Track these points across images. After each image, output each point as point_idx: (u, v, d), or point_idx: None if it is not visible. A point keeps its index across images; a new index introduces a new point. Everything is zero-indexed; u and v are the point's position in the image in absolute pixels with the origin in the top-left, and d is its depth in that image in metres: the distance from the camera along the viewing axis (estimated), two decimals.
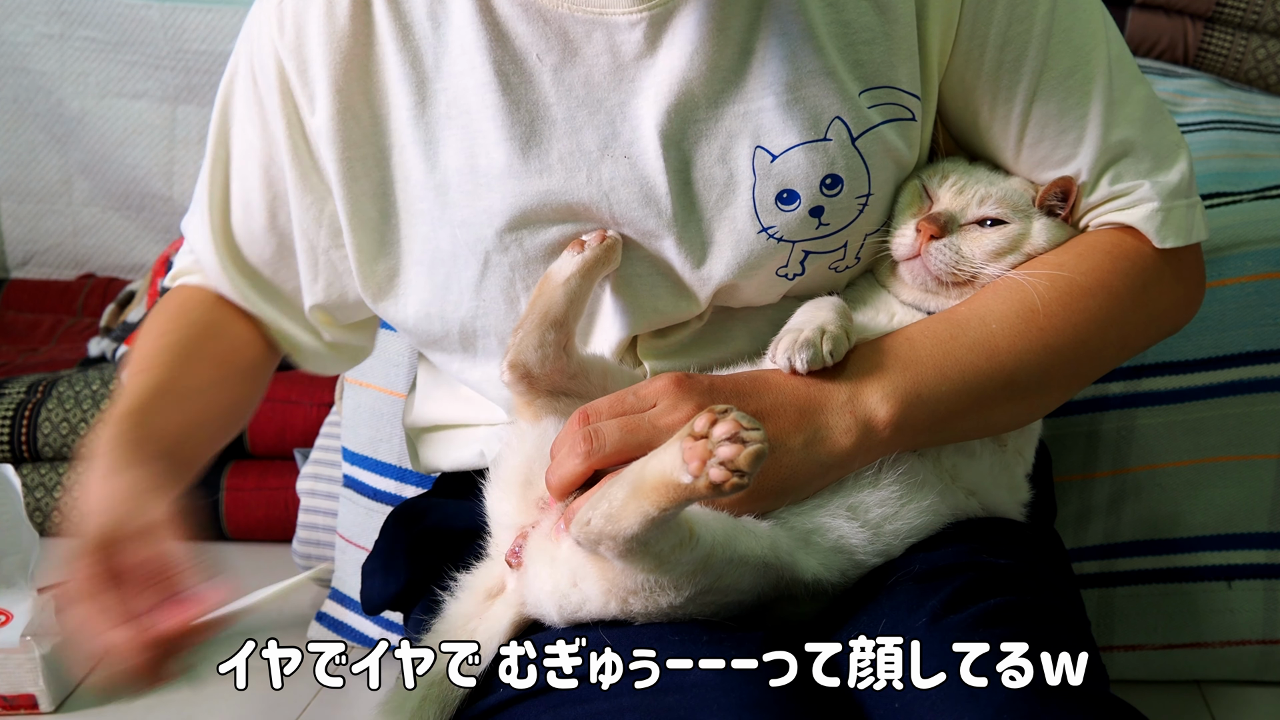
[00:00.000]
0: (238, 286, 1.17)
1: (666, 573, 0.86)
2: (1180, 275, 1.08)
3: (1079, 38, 1.03)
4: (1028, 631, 0.87)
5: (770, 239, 1.02)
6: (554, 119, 1.02)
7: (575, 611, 0.91)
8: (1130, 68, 1.07)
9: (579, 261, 1.00)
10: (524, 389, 0.99)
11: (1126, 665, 1.49)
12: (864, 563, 0.96)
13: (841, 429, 0.95)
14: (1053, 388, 1.04)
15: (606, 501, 0.82)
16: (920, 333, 1.00)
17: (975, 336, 1.00)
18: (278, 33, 1.06)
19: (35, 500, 2.00)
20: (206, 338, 1.16)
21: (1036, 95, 1.03)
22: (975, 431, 1.03)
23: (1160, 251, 1.05)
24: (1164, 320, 1.10)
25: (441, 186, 1.05)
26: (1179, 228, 1.05)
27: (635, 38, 0.99)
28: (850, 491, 0.96)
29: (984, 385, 0.99)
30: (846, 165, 1.01)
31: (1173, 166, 1.06)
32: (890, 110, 1.02)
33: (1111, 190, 1.05)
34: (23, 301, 2.62)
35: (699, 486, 0.78)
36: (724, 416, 0.78)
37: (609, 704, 0.86)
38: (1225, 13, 1.96)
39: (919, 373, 0.98)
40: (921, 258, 1.03)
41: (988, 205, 1.04)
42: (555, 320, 0.99)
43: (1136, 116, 1.05)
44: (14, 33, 2.56)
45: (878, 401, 0.96)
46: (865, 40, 1.00)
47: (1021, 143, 1.06)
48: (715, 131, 1.01)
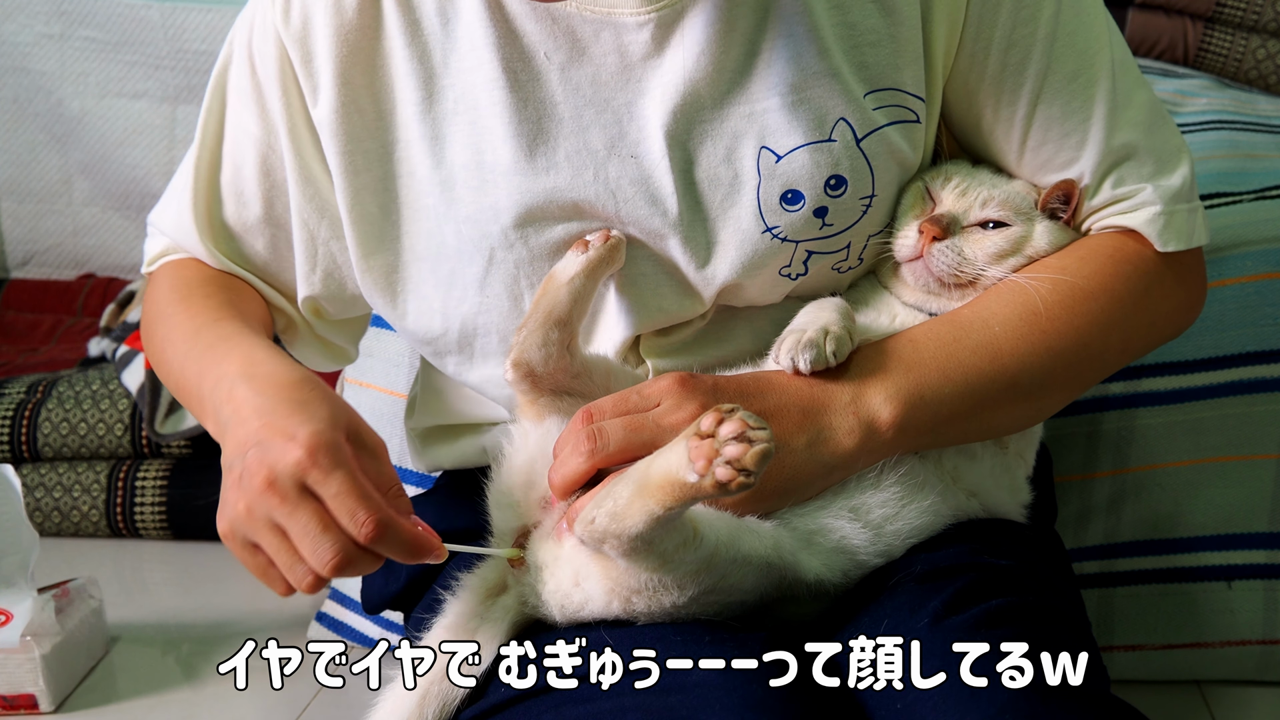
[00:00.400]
0: (233, 269, 1.14)
1: (670, 572, 0.86)
2: (1182, 279, 1.09)
3: (1083, 41, 1.03)
4: (1028, 632, 0.88)
5: (774, 239, 1.02)
6: (561, 117, 1.02)
7: (577, 611, 0.91)
8: (1133, 72, 1.07)
9: (583, 261, 1.00)
10: (527, 388, 1.00)
11: (1126, 665, 1.49)
12: (866, 563, 0.96)
13: (845, 430, 0.96)
14: (1055, 390, 1.05)
15: (612, 500, 0.82)
16: (923, 334, 1.01)
17: (978, 339, 1.00)
18: (282, 21, 1.05)
19: (35, 500, 1.99)
20: (243, 299, 1.12)
21: (1040, 98, 1.04)
22: (978, 433, 1.03)
23: (1162, 255, 1.06)
24: (1165, 324, 1.11)
25: (447, 182, 1.05)
26: (1181, 231, 1.06)
27: (643, 38, 1.00)
28: (853, 493, 0.97)
29: (986, 387, 1.00)
30: (851, 166, 1.01)
31: (1175, 170, 1.06)
32: (895, 112, 1.02)
33: (1114, 194, 1.05)
34: (23, 301, 2.62)
35: (705, 485, 0.78)
36: (730, 416, 0.79)
37: (609, 704, 0.87)
38: (1225, 13, 1.96)
39: (922, 374, 0.98)
40: (924, 259, 1.03)
41: (990, 208, 1.04)
42: (559, 319, 0.99)
43: (1139, 120, 1.06)
44: (14, 33, 2.56)
45: (881, 403, 0.96)
46: (870, 42, 1.00)
47: (1025, 145, 1.06)
48: (721, 132, 1.01)
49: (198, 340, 1.03)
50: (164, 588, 1.91)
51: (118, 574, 1.92)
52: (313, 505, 0.84)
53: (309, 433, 0.85)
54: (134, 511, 1.99)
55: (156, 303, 1.13)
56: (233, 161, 1.12)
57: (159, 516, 1.99)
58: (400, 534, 0.85)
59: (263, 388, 0.91)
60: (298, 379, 0.92)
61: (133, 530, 2.00)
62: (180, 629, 1.70)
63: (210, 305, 1.07)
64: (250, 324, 1.05)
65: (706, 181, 1.02)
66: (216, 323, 1.04)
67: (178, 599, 1.83)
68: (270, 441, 0.86)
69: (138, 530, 2.00)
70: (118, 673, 1.59)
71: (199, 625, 1.71)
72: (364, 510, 0.83)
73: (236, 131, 1.11)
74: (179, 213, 1.14)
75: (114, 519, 1.99)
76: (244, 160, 1.11)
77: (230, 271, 1.14)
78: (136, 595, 1.85)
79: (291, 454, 0.84)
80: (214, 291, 1.10)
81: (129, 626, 1.68)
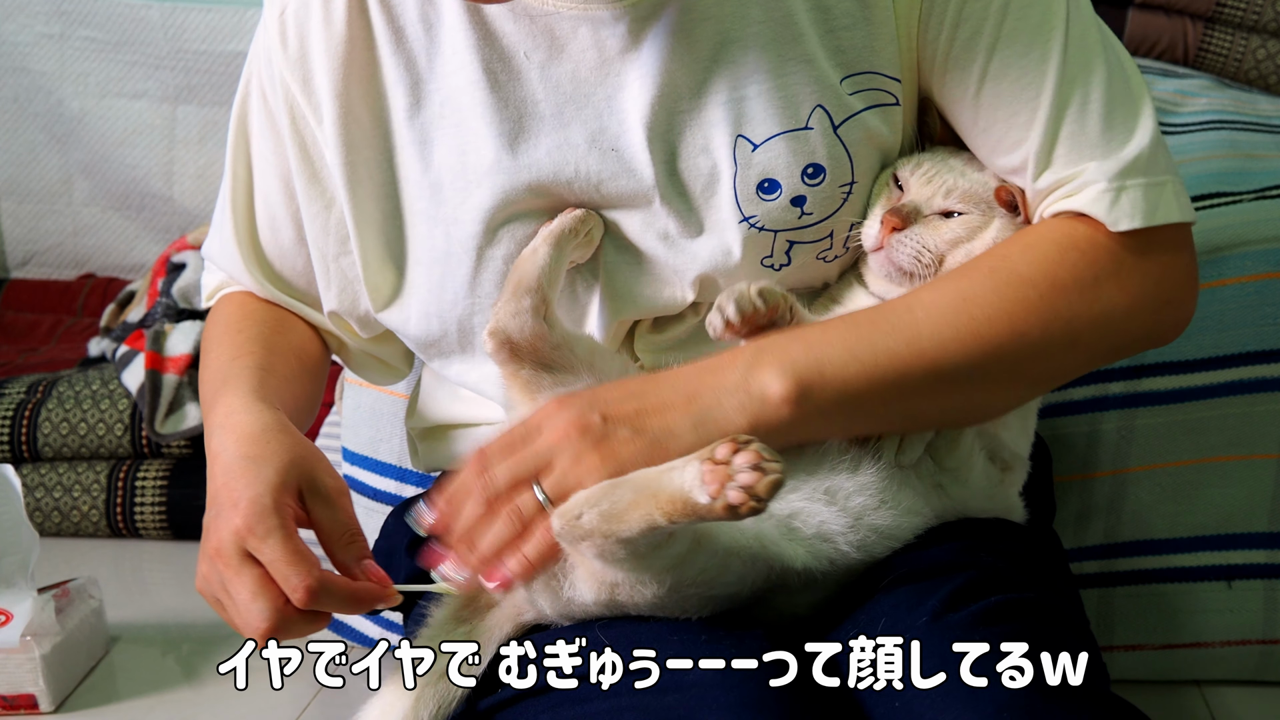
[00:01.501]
0: (280, 297, 1.16)
1: (645, 570, 0.86)
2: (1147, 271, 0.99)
3: (1037, 15, 0.99)
4: (1028, 630, 0.87)
5: (752, 228, 1.02)
6: (542, 115, 1.02)
7: (568, 605, 0.91)
8: (1092, 47, 1.00)
9: (546, 232, 1.01)
10: (507, 357, 0.99)
11: (1126, 665, 1.49)
12: (847, 553, 0.95)
13: (734, 407, 0.93)
14: (991, 382, 0.99)
15: (608, 502, 0.82)
16: (841, 318, 0.98)
17: (896, 321, 0.96)
18: (280, 47, 1.07)
19: (35, 500, 2.00)
20: (278, 331, 1.15)
21: (987, 76, 1.00)
22: (903, 420, 0.99)
23: (1120, 239, 0.98)
24: (1130, 320, 1.01)
25: (436, 185, 1.05)
26: (1136, 207, 0.97)
27: (620, 31, 1.00)
28: (826, 475, 0.96)
29: (901, 371, 0.95)
30: (829, 154, 1.01)
31: (1127, 143, 0.99)
32: (872, 96, 1.02)
33: (1058, 176, 0.99)
34: (23, 301, 2.62)
35: (716, 507, 0.79)
36: (746, 447, 0.79)
37: (608, 704, 0.87)
38: (1225, 13, 1.97)
39: (824, 351, 0.94)
40: (885, 249, 1.03)
41: (952, 198, 1.03)
42: (528, 287, 0.98)
43: (1092, 98, 0.99)
44: (14, 33, 2.56)
45: (772, 378, 0.93)
46: (845, 26, 1.00)
47: (979, 127, 1.02)
48: (699, 121, 1.01)
49: (216, 377, 1.08)
50: (164, 588, 1.91)
51: (118, 574, 1.92)
52: (252, 571, 0.92)
53: (249, 499, 0.92)
54: (134, 511, 1.99)
55: (206, 336, 1.17)
56: (262, 190, 1.14)
57: (159, 516, 1.99)
58: (337, 591, 0.92)
59: (227, 441, 0.98)
60: (258, 431, 0.98)
61: (133, 530, 2.00)
62: (180, 629, 1.71)
63: (237, 342, 1.11)
64: (269, 358, 1.09)
65: (687, 172, 1.02)
66: (233, 360, 1.09)
67: (178, 599, 1.83)
68: (220, 506, 0.94)
69: (138, 530, 2.00)
70: (118, 673, 1.59)
71: (199, 625, 1.71)
72: (295, 575, 0.90)
73: (260, 161, 1.13)
74: (223, 245, 1.17)
75: (114, 519, 1.99)
76: (270, 187, 1.13)
77: (277, 301, 1.16)
78: (136, 595, 1.86)
79: (232, 522, 0.92)
80: (247, 327, 1.13)
81: (129, 626, 1.68)
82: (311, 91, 1.07)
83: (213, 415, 1.03)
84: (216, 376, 1.08)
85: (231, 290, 1.19)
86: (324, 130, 1.07)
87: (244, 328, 1.13)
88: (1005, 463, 1.06)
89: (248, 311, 1.16)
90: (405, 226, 1.08)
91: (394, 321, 1.11)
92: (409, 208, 1.08)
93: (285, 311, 1.17)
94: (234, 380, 1.05)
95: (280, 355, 1.11)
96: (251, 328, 1.13)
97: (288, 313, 1.17)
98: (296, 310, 1.17)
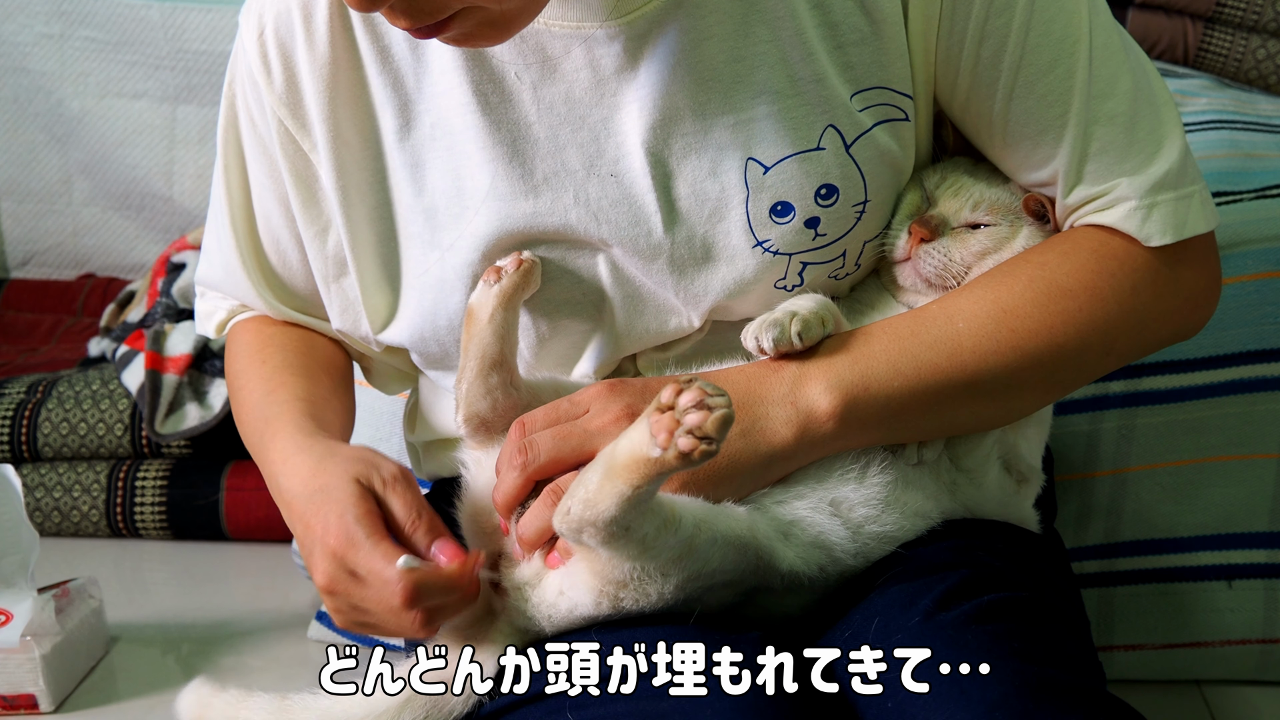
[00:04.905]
0: (296, 316, 1.15)
1: (653, 558, 0.85)
2: (1179, 278, 1.02)
3: (1061, 29, 0.98)
4: (1022, 628, 0.87)
5: (766, 253, 1.00)
6: (536, 138, 1.00)
7: (567, 616, 0.91)
8: (1116, 57, 1.00)
9: (497, 294, 0.98)
10: (483, 436, 0.99)
11: (1126, 665, 1.49)
12: (842, 561, 0.95)
13: (782, 419, 0.93)
14: (1026, 391, 1.00)
15: (583, 488, 0.82)
16: (881, 327, 0.98)
17: (938, 334, 0.97)
18: (263, 71, 1.04)
19: (35, 500, 2.00)
20: (303, 353, 1.13)
21: (1014, 93, 0.99)
22: (936, 430, 1.00)
23: (1154, 251, 1.00)
24: (1161, 325, 1.04)
25: (430, 210, 1.04)
26: (1168, 222, 0.99)
27: (615, 51, 0.97)
28: (835, 485, 0.96)
29: (942, 384, 0.96)
30: (841, 174, 0.99)
31: (1157, 158, 0.99)
32: (883, 111, 1.00)
33: (1089, 192, 1.00)
34: (23, 301, 2.62)
35: (669, 459, 0.78)
36: (689, 386, 0.78)
37: (603, 710, 0.86)
38: (1225, 13, 1.96)
39: (869, 366, 0.95)
40: (912, 261, 1.02)
41: (980, 210, 1.03)
42: (494, 362, 0.98)
43: (1120, 110, 1.00)
44: (14, 33, 2.56)
45: (820, 393, 0.94)
46: (854, 41, 0.98)
47: (1005, 143, 1.02)
48: (704, 144, 0.99)
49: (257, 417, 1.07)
50: (164, 588, 1.91)
51: (118, 574, 1.92)
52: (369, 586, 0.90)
53: (334, 522, 0.91)
54: (134, 511, 1.99)
55: (231, 368, 1.16)
56: (263, 212, 1.12)
57: (159, 516, 1.99)
58: (437, 586, 0.88)
59: (294, 484, 0.97)
60: (315, 464, 0.96)
61: (133, 530, 2.00)
62: (180, 629, 1.71)
63: (265, 374, 1.10)
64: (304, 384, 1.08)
65: (692, 197, 0.99)
66: (268, 396, 1.08)
67: (178, 599, 1.84)
68: (313, 542, 0.92)
69: (138, 530, 2.00)
70: (118, 673, 1.59)
71: (199, 625, 1.71)
72: (387, 587, 0.88)
73: (258, 186, 1.11)
74: (228, 271, 1.14)
75: (114, 519, 1.99)
76: (270, 210, 1.11)
77: (294, 320, 1.15)
78: (136, 595, 1.86)
79: (327, 548, 0.91)
80: (271, 355, 1.12)
81: (129, 626, 1.68)
82: (302, 116, 1.05)
83: (268, 462, 1.01)
84: (257, 417, 1.06)
85: (244, 318, 1.17)
86: (317, 155, 1.05)
87: (267, 357, 1.12)
88: (1021, 475, 1.06)
89: (267, 338, 1.14)
90: (401, 249, 1.07)
91: (392, 340, 1.10)
92: (403, 230, 1.06)
93: (304, 329, 1.16)
94: (276, 420, 1.04)
95: (313, 378, 1.10)
96: (276, 355, 1.12)
97: (306, 329, 1.16)
98: (315, 326, 1.16)
